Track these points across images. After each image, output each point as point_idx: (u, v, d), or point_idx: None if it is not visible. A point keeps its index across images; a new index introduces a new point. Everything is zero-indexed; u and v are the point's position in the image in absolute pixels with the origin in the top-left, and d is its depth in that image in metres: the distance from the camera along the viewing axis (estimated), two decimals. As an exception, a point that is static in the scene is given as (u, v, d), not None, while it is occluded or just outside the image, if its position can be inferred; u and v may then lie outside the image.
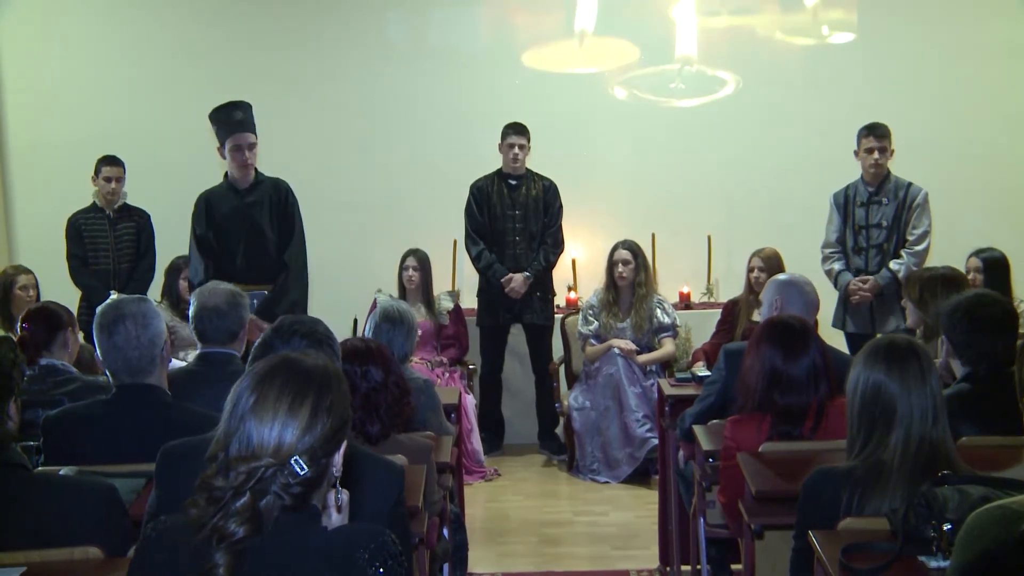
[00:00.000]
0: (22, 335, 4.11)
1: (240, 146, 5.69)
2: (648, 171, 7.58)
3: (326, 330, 2.83)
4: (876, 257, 5.99)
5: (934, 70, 7.43)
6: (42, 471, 2.85)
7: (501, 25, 7.64)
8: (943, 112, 7.08)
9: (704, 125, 7.58)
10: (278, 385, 1.87)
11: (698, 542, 3.98)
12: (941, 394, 2.63)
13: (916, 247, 5.92)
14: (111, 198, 6.71)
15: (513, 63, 7.60)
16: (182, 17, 7.52)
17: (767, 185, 7.49)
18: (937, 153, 6.17)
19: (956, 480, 2.30)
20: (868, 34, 7.55)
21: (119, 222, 6.74)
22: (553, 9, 7.59)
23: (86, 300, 6.50)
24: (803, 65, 7.59)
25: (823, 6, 7.58)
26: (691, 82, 7.61)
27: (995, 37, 7.39)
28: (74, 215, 6.72)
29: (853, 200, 6.05)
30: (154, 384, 3.25)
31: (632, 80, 7.64)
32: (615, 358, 6.24)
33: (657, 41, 7.59)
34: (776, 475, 3.07)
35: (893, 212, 5.95)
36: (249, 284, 5.68)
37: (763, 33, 7.61)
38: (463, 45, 7.65)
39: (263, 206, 5.79)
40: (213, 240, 5.76)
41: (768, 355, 3.39)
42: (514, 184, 6.76)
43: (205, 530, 1.79)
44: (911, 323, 4.44)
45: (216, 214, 5.78)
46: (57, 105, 7.45)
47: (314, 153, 7.30)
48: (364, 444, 2.99)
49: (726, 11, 7.58)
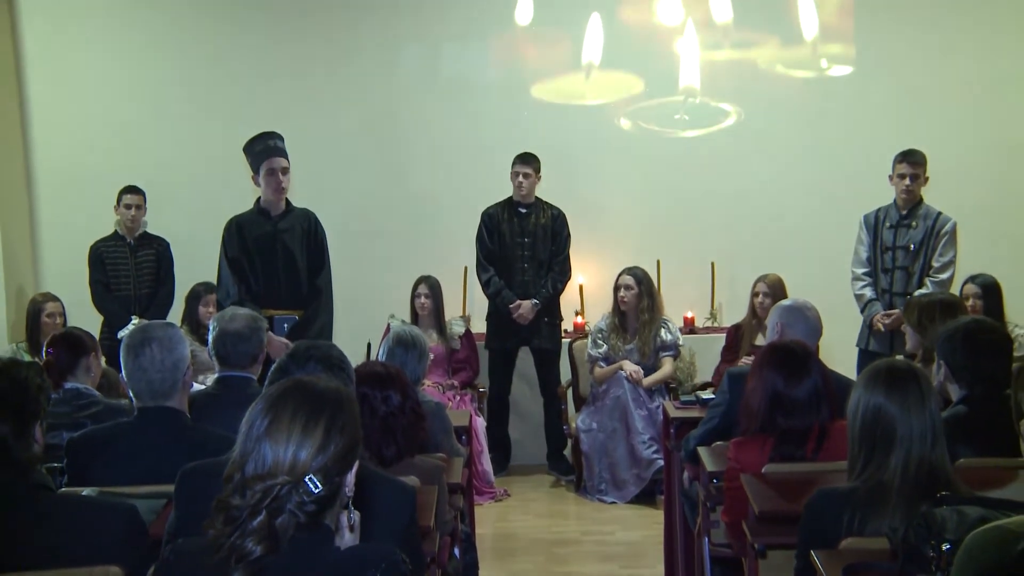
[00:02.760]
0: (47, 360, 4.12)
1: (275, 170, 5.72)
2: (653, 200, 7.60)
3: (340, 355, 2.84)
4: (901, 278, 6.02)
5: (929, 102, 7.44)
6: (65, 492, 2.85)
7: (511, 58, 7.67)
8: (938, 142, 7.06)
9: (707, 155, 7.60)
10: (292, 407, 1.88)
11: (703, 561, 3.96)
12: (940, 417, 2.63)
13: (940, 275, 5.91)
14: (132, 226, 6.76)
15: (523, 95, 7.64)
16: (202, 55, 7.57)
17: (769, 213, 7.49)
18: (933, 181, 6.17)
19: (954, 501, 2.29)
20: (865, 67, 7.57)
21: (140, 249, 6.79)
22: (561, 43, 7.63)
23: (108, 325, 6.54)
24: (803, 97, 7.61)
25: (822, 40, 7.60)
26: (694, 113, 7.63)
27: (989, 69, 7.40)
28: (96, 243, 6.77)
29: (883, 222, 6.08)
30: (175, 407, 3.25)
31: (637, 112, 7.66)
32: (622, 381, 6.24)
33: (661, 74, 7.62)
34: (779, 496, 3.06)
35: (921, 237, 5.98)
36: (279, 308, 5.72)
37: (764, 66, 7.63)
38: (474, 77, 7.69)
39: (294, 233, 5.82)
40: (245, 263, 5.78)
41: (771, 379, 3.39)
42: (523, 212, 6.77)
43: (223, 550, 1.79)
44: (910, 347, 4.43)
45: (248, 238, 5.78)
46: (82, 139, 7.50)
47: (328, 181, 7.32)
48: (378, 466, 2.99)
49: (728, 45, 7.61)
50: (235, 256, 5.77)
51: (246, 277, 5.75)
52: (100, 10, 7.55)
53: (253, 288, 5.74)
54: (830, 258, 6.64)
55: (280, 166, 5.73)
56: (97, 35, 7.55)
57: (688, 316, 7.27)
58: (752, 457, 3.34)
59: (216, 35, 7.57)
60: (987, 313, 5.35)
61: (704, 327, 7.32)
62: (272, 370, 2.79)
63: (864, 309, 6.12)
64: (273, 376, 2.73)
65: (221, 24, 7.57)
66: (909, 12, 7.49)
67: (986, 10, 7.45)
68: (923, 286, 5.91)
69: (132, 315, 6.51)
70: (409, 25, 7.58)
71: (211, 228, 6.94)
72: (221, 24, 7.57)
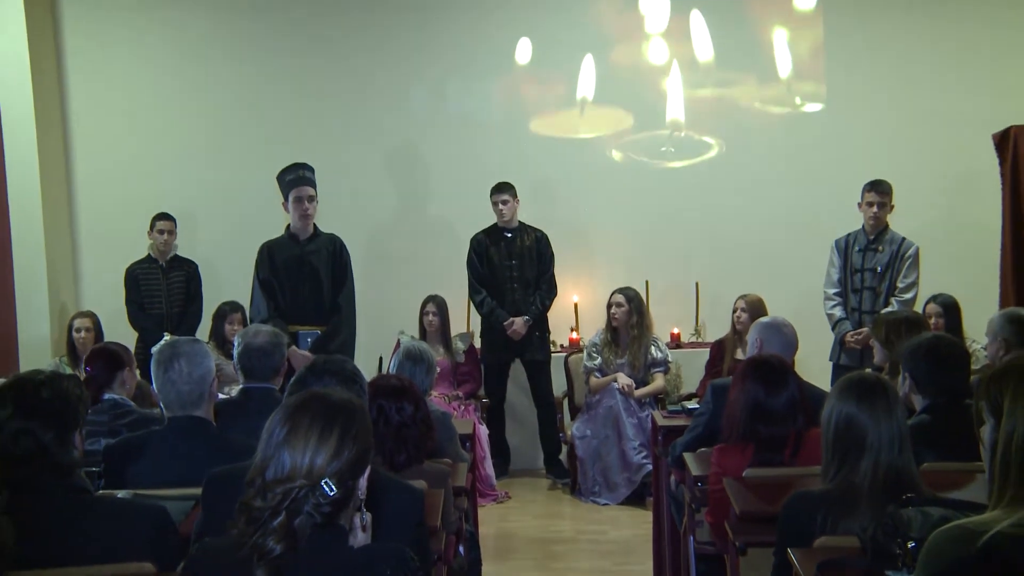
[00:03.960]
0: (87, 375, 4.13)
1: (301, 198, 5.75)
2: (642, 225, 7.60)
3: (354, 368, 2.85)
4: (869, 298, 6.07)
5: (893, 136, 7.47)
6: (102, 494, 2.85)
7: (511, 96, 7.69)
8: (902, 173, 7.08)
9: (692, 184, 7.61)
10: (309, 417, 1.88)
11: (688, 558, 3.94)
12: (906, 425, 2.63)
13: (904, 295, 5.96)
14: (164, 249, 6.77)
15: (522, 129, 7.65)
16: (233, 97, 7.58)
17: (748, 237, 7.50)
18: (898, 208, 6.19)
19: (919, 502, 2.28)
20: (836, 104, 7.59)
21: (171, 271, 6.79)
22: (557, 82, 7.66)
23: (142, 341, 6.53)
24: (778, 131, 7.63)
25: (795, 79, 7.63)
26: (680, 146, 7.65)
27: (946, 106, 7.42)
28: (132, 265, 6.78)
29: (853, 246, 6.13)
30: (202, 416, 3.25)
31: (627, 144, 7.68)
32: (614, 392, 6.24)
33: (649, 109, 7.64)
34: (758, 498, 3.05)
35: (887, 260, 6.03)
36: (304, 324, 5.72)
37: (743, 103, 7.65)
38: (479, 113, 7.69)
39: (320, 255, 5.85)
40: (275, 283, 5.78)
41: (751, 390, 3.38)
42: (509, 236, 6.78)
43: (246, 548, 1.79)
44: (878, 361, 4.43)
45: (277, 260, 5.80)
46: (119, 171, 7.51)
47: (345, 209, 7.32)
48: (390, 470, 2.99)
49: (710, 83, 7.63)
50: (266, 277, 5.79)
51: (275, 296, 5.77)
52: (141, 58, 7.56)
53: (281, 306, 5.75)
54: (805, 279, 6.65)
55: (307, 194, 5.76)
56: (135, 80, 7.57)
57: (675, 332, 7.27)
58: (734, 462, 3.34)
59: (244, 79, 7.59)
60: (948, 330, 5.35)
61: (689, 342, 7.31)
62: (291, 382, 2.79)
63: (835, 327, 6.14)
64: (292, 388, 2.73)
65: (249, 68, 7.59)
66: (875, 54, 7.52)
67: (944, 53, 7.48)
68: (889, 305, 5.94)
69: (164, 331, 6.51)
70: (419, 67, 7.60)
71: (235, 252, 7.03)
72: (249, 68, 7.59)
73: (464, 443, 4.38)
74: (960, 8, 7.49)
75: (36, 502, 2.33)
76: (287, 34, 7.60)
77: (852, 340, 6.01)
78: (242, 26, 7.62)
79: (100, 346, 4.58)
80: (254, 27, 7.62)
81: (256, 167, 7.14)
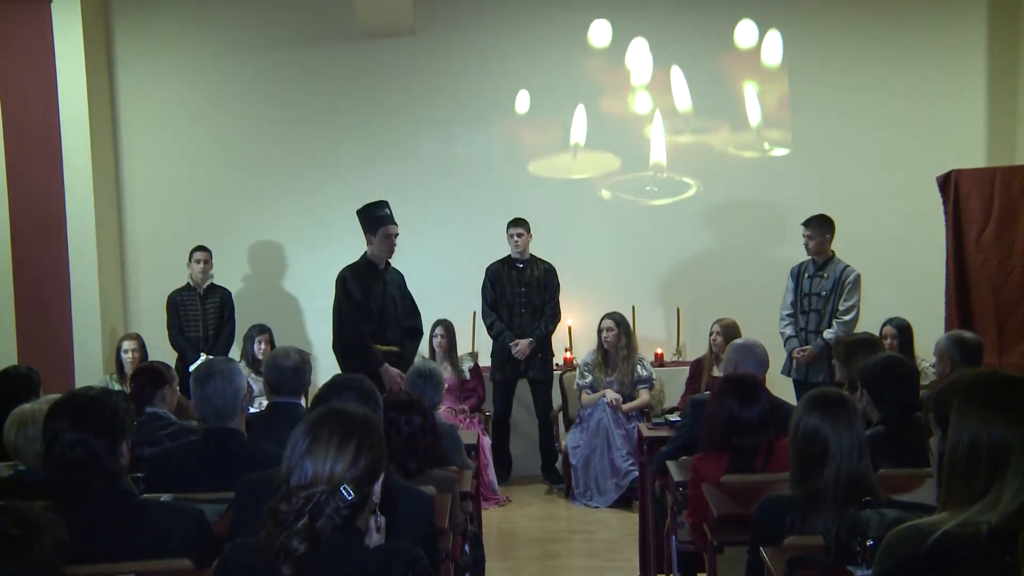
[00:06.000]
0: (133, 390, 4.13)
1: (390, 234, 5.78)
2: (629, 256, 7.61)
3: (370, 386, 2.85)
4: (815, 319, 6.10)
5: (850, 177, 7.49)
6: (146, 498, 2.84)
7: (512, 141, 7.72)
8: (861, 210, 7.12)
9: (673, 220, 7.62)
10: (329, 429, 1.88)
11: (671, 555, 3.93)
12: (864, 435, 2.63)
13: (844, 317, 5.96)
14: (201, 278, 6.77)
15: (521, 171, 7.67)
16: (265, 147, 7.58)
17: (724, 268, 7.51)
18: (857, 242, 6.20)
19: (876, 504, 2.28)
20: (800, 149, 7.63)
21: (207, 298, 6.80)
22: (553, 129, 7.69)
23: (181, 360, 6.53)
24: (749, 173, 7.65)
25: (764, 127, 7.66)
26: (662, 186, 7.67)
27: (896, 151, 7.46)
28: (172, 292, 6.79)
29: (804, 272, 6.19)
30: (235, 428, 3.25)
31: (615, 184, 7.70)
32: (604, 406, 6.23)
33: (634, 153, 7.66)
34: (734, 501, 3.05)
35: (830, 286, 6.05)
36: (385, 345, 5.72)
37: (718, 148, 7.69)
38: (482, 157, 7.72)
39: (394, 284, 5.90)
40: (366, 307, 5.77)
41: (727, 404, 3.38)
42: (520, 267, 6.78)
43: (273, 548, 1.79)
44: (839, 377, 4.42)
45: (364, 286, 5.80)
46: (163, 208, 7.53)
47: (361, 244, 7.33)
48: (403, 477, 2.98)
49: (689, 130, 7.67)
50: (361, 301, 5.75)
51: (370, 318, 5.76)
52: (187, 108, 7.59)
53: (368, 328, 5.75)
54: (775, 304, 6.63)
55: (395, 232, 5.79)
56: (179, 128, 7.60)
57: (658, 352, 7.26)
58: (711, 469, 3.33)
59: (273, 128, 7.60)
60: (901, 349, 5.37)
61: (671, 361, 7.30)
62: (315, 397, 2.79)
63: (786, 343, 6.20)
64: (315, 402, 2.74)
65: (277, 115, 7.62)
66: (834, 105, 7.55)
67: (895, 104, 7.51)
68: (831, 326, 5.96)
69: (201, 352, 6.51)
70: (428, 116, 7.64)
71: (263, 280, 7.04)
72: (277, 115, 7.62)
73: (469, 452, 4.37)
74: (910, 63, 7.52)
75: (88, 504, 2.34)
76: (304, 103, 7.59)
77: (797, 355, 6.09)
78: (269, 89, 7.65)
79: (145, 365, 4.58)
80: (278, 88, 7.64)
81: (281, 210, 7.30)
